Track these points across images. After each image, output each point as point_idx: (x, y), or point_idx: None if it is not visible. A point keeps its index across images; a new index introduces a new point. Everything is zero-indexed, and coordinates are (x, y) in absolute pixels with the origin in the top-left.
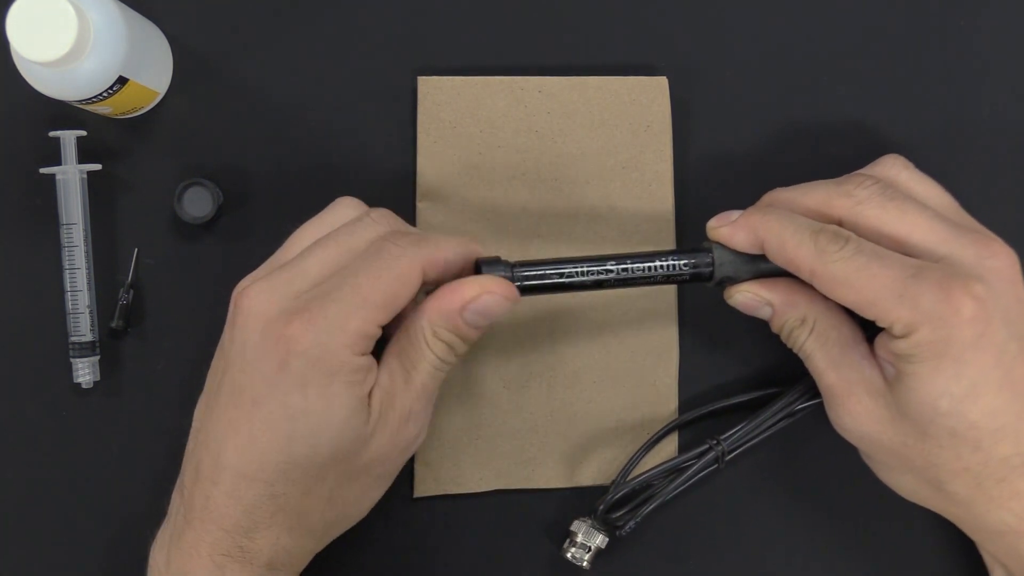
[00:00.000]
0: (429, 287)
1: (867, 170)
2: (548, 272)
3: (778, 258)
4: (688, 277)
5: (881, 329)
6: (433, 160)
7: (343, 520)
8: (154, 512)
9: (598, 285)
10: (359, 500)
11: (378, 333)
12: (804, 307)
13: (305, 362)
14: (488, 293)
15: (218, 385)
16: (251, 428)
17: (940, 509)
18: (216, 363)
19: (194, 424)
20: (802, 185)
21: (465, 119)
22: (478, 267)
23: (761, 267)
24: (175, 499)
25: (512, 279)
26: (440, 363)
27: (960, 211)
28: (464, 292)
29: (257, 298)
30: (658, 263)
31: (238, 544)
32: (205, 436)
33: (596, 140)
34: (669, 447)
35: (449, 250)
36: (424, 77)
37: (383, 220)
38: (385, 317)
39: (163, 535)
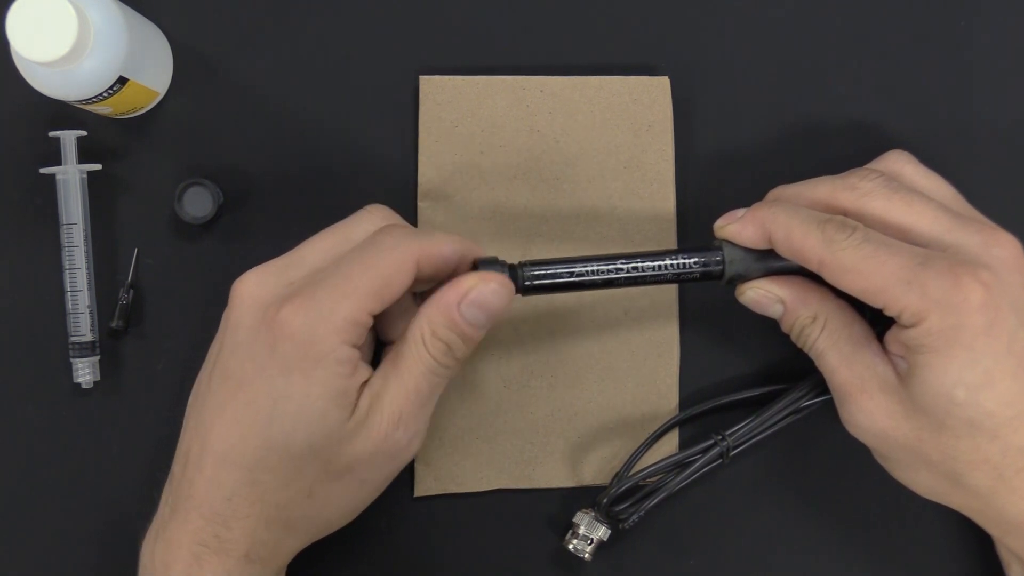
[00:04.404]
0: (423, 284)
1: (872, 165)
2: (558, 271)
3: (786, 250)
4: (698, 276)
5: (889, 327)
6: (434, 159)
7: (325, 522)
8: (154, 512)
9: (608, 284)
10: (342, 503)
11: (369, 322)
12: (816, 304)
13: (292, 346)
14: (484, 283)
15: (210, 371)
16: (235, 409)
17: (958, 505)
18: (210, 353)
19: (186, 414)
20: (807, 180)
21: (467, 118)
22: (475, 266)
23: (771, 265)
24: (165, 491)
25: (522, 278)
26: (436, 365)
27: (964, 203)
28: (460, 285)
29: (252, 284)
30: (668, 261)
31: (215, 533)
32: (195, 423)
33: (598, 140)
34: (669, 445)
35: (445, 246)
36: (426, 76)
37: (379, 212)
38: (377, 306)
39: (152, 528)
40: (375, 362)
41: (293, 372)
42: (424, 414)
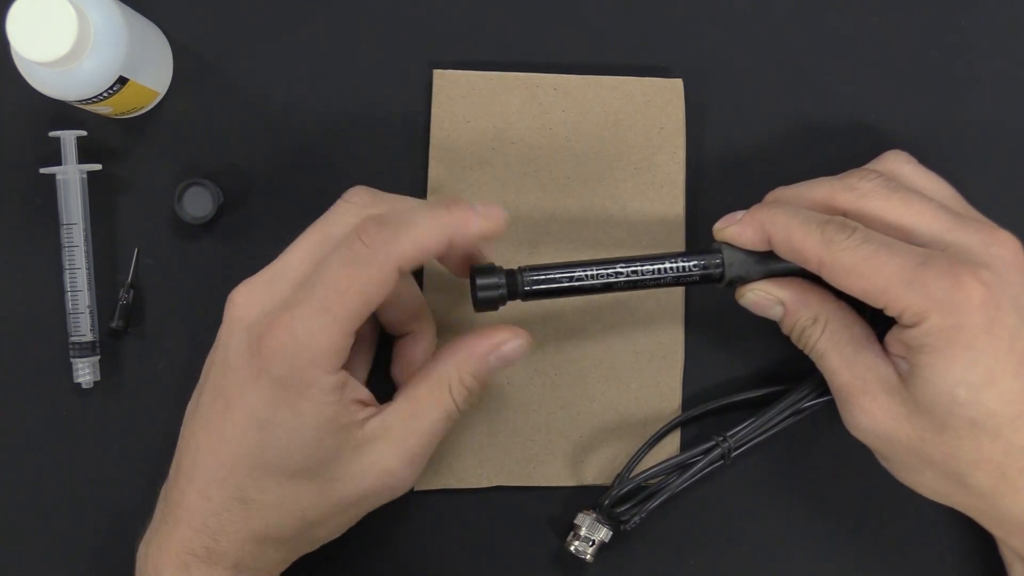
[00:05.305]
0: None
1: (871, 165)
2: (558, 276)
3: (785, 251)
4: (698, 278)
5: (890, 328)
6: (445, 154)
7: (313, 540)
8: (152, 512)
9: (607, 288)
10: (332, 526)
11: (351, 341)
12: (816, 306)
13: (274, 379)
14: (515, 338)
15: (202, 385)
16: (224, 431)
17: (962, 505)
18: (206, 363)
19: (184, 420)
20: (806, 181)
21: (479, 114)
22: (472, 274)
23: (771, 267)
24: (161, 492)
25: (521, 284)
26: (455, 410)
27: (963, 203)
28: (494, 337)
29: (240, 304)
30: (668, 265)
31: (204, 544)
32: (188, 434)
33: (610, 140)
34: (671, 446)
35: (429, 239)
36: (440, 70)
37: (359, 198)
38: (358, 323)
39: (148, 532)
40: (377, 358)
41: (279, 403)
42: (429, 455)
